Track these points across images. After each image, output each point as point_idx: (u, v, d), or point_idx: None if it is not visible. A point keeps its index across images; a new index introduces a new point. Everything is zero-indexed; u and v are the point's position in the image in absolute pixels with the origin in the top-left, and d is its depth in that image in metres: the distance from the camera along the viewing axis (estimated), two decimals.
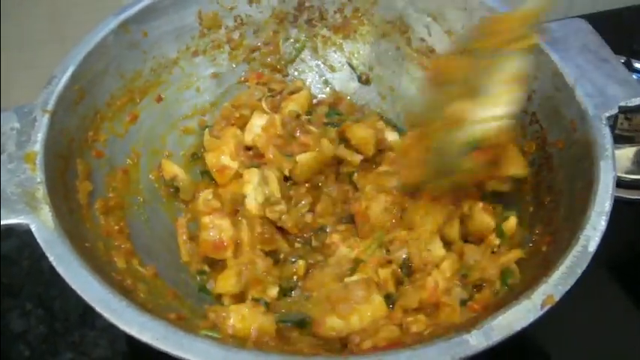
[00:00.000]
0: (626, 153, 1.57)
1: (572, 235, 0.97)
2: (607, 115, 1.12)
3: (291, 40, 1.47)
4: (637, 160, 1.56)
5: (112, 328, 0.88)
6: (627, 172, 1.52)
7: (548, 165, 1.17)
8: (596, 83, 1.15)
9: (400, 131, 1.40)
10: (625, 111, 1.17)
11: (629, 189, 1.49)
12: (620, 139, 1.58)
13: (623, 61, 1.71)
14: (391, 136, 1.37)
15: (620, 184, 1.47)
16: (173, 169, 1.29)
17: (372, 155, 1.33)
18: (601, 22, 1.30)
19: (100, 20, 1.25)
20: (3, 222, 0.97)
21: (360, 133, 1.32)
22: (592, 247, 0.95)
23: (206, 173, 1.34)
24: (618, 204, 1.01)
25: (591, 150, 1.07)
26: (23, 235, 0.96)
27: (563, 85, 1.16)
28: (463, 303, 1.06)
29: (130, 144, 1.29)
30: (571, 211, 1.06)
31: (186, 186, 1.29)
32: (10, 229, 0.97)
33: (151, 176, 1.30)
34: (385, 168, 1.30)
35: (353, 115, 1.44)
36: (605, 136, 1.09)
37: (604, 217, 0.98)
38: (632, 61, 1.72)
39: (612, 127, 1.53)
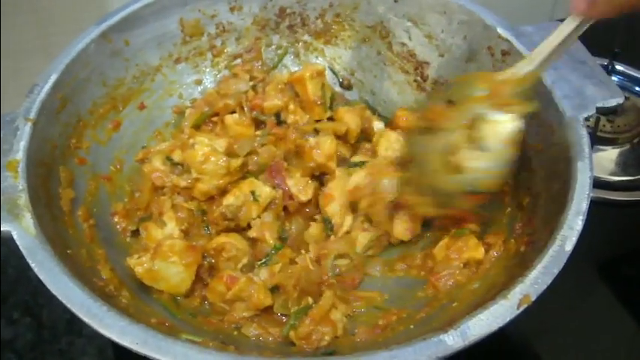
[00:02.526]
0: (610, 155, 1.58)
1: (550, 236, 0.97)
2: (584, 116, 1.11)
3: (273, 47, 1.48)
4: (620, 162, 1.57)
5: (99, 335, 0.89)
6: (611, 174, 1.53)
7: (527, 167, 1.18)
8: (573, 85, 1.15)
9: (385, 120, 1.42)
10: (605, 112, 1.17)
11: (613, 190, 1.50)
12: (602, 141, 1.59)
13: (605, 63, 1.72)
14: (377, 125, 1.39)
15: (605, 185, 1.49)
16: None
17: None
18: None
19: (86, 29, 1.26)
20: None
21: (348, 118, 1.33)
22: (569, 246, 0.95)
23: None
24: (604, 206, 1.02)
25: (569, 151, 1.07)
26: (10, 243, 0.97)
27: (540, 87, 1.16)
28: None
29: (113, 151, 1.30)
30: (549, 211, 1.06)
31: None
32: None
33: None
34: (359, 158, 1.32)
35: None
36: (582, 136, 1.08)
37: (581, 217, 0.98)
38: (614, 63, 1.73)
39: (594, 129, 1.55)
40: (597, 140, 1.58)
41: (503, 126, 1.06)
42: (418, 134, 1.18)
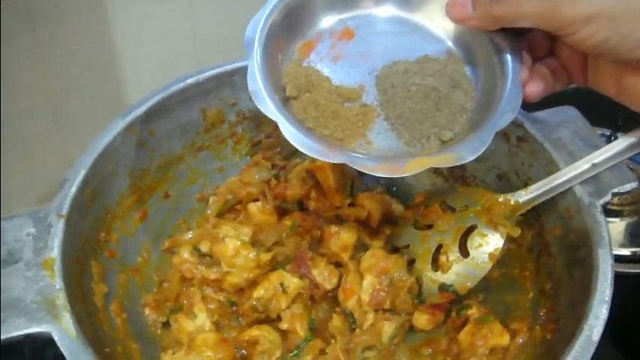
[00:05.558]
0: (617, 227, 1.61)
1: (577, 324, 0.99)
2: (601, 202, 1.13)
3: None
4: (629, 233, 1.60)
5: None
6: (621, 246, 1.56)
7: (547, 252, 1.20)
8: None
9: (405, 203, 1.44)
10: None
11: (625, 263, 1.53)
12: (610, 214, 1.62)
13: (608, 133, 1.76)
14: (397, 209, 1.41)
15: (616, 259, 1.51)
16: None
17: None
18: (586, 96, 1.31)
19: (101, 112, 1.26)
20: (25, 331, 0.96)
21: (368, 204, 1.36)
22: (596, 336, 0.97)
23: None
24: (617, 278, 1.04)
25: (589, 238, 1.09)
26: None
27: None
28: None
29: (140, 242, 1.32)
30: (573, 298, 1.08)
31: None
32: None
33: None
34: (379, 243, 1.34)
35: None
36: (601, 223, 1.10)
37: (605, 306, 1.00)
38: (619, 134, 1.76)
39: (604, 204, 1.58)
40: (605, 212, 1.61)
41: (490, 241, 1.20)
42: (413, 226, 1.33)
